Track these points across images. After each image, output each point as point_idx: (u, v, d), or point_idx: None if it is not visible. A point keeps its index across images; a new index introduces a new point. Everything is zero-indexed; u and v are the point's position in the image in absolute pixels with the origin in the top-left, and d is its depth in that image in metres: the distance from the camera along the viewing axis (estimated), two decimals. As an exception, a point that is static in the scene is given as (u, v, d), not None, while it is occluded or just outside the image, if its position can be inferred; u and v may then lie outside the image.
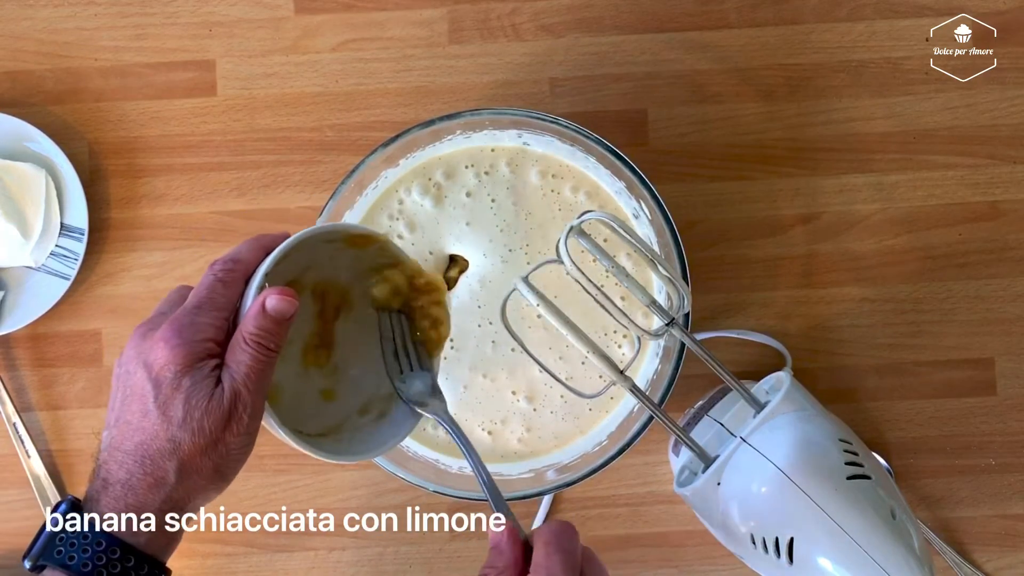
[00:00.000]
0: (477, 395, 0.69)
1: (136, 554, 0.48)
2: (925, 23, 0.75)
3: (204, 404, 0.48)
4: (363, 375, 0.58)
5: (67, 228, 0.73)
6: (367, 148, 0.67)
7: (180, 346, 0.48)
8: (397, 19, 0.75)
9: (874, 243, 0.74)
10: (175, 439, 0.48)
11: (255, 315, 0.49)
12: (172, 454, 0.48)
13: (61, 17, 0.75)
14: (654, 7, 0.75)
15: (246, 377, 0.49)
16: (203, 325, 0.49)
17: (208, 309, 0.50)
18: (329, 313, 0.58)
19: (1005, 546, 0.74)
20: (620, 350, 0.69)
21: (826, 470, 0.57)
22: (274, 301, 0.49)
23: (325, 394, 0.57)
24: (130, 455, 0.49)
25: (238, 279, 0.51)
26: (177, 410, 0.48)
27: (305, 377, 0.56)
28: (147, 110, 0.75)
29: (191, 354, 0.48)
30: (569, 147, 0.68)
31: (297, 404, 0.55)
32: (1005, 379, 0.74)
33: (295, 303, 0.50)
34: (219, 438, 0.48)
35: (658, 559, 0.74)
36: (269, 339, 0.49)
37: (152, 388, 0.48)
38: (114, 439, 0.50)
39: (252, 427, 0.49)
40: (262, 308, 0.49)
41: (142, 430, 0.48)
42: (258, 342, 0.49)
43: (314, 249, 0.55)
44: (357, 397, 0.57)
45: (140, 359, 0.49)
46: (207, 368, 0.49)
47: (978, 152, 0.75)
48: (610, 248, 0.67)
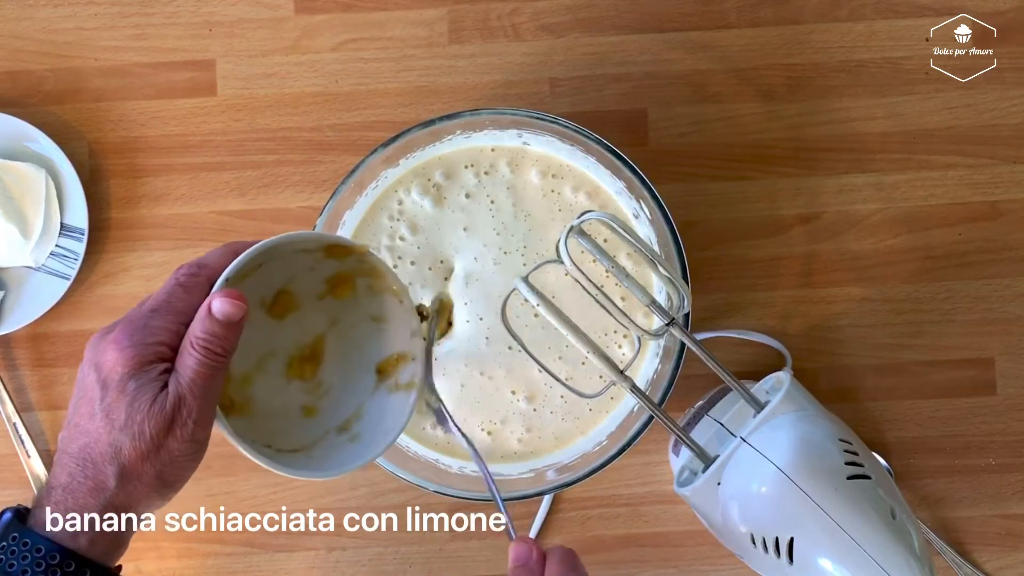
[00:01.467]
0: (475, 393, 0.69)
1: (77, 559, 0.47)
2: (925, 23, 0.75)
3: (146, 408, 0.47)
4: (347, 392, 0.57)
5: (67, 228, 0.73)
6: (367, 148, 0.67)
7: (129, 348, 0.47)
8: (397, 19, 0.75)
9: (874, 243, 0.74)
10: (116, 443, 0.47)
11: (202, 318, 0.48)
12: (113, 459, 0.47)
13: (61, 17, 0.75)
14: (654, 7, 0.75)
15: (191, 382, 0.47)
16: (156, 328, 0.48)
17: (164, 313, 0.49)
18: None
19: (1005, 546, 0.74)
20: (620, 350, 0.69)
21: (826, 470, 0.57)
22: (220, 304, 0.48)
23: (306, 410, 0.56)
24: (73, 458, 0.48)
25: (201, 284, 0.50)
26: (120, 413, 0.47)
27: (286, 391, 0.56)
28: (147, 110, 0.75)
29: (139, 356, 0.47)
30: (569, 147, 0.68)
31: (273, 418, 0.54)
32: (1005, 379, 0.74)
33: (243, 307, 0.48)
34: (161, 444, 0.47)
35: (658, 559, 0.74)
36: (216, 343, 0.48)
37: (100, 390, 0.47)
38: (63, 441, 0.49)
39: (198, 434, 0.48)
40: (208, 311, 0.48)
41: (86, 433, 0.48)
42: (204, 346, 0.48)
43: (291, 260, 0.54)
44: (339, 414, 0.56)
45: (93, 361, 0.48)
46: (155, 372, 0.48)
47: (978, 152, 0.75)
48: (610, 248, 0.67)
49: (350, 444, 0.55)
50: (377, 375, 0.58)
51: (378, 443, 0.55)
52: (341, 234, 0.68)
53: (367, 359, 0.58)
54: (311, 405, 0.56)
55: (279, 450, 0.53)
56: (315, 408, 0.56)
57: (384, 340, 0.58)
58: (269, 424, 0.53)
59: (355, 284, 0.57)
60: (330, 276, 0.56)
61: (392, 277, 0.57)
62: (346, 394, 0.57)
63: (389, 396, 0.57)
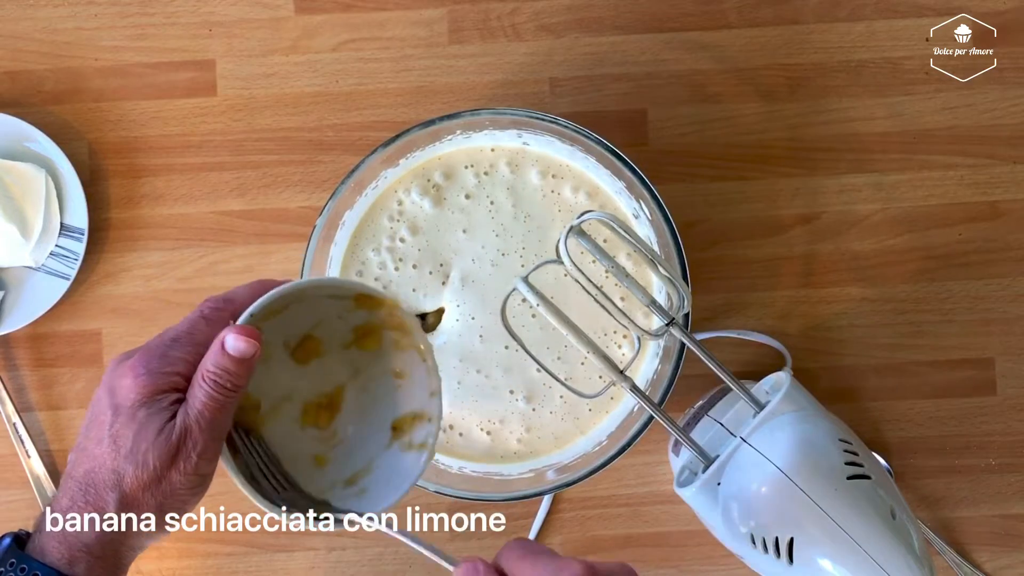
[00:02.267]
0: (472, 392, 0.69)
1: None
2: (925, 23, 0.75)
3: (152, 438, 0.46)
4: (360, 446, 0.56)
5: (67, 228, 0.73)
6: (367, 148, 0.67)
7: (144, 375, 0.47)
8: (397, 19, 0.75)
9: (874, 243, 0.74)
10: (119, 470, 0.47)
11: (215, 352, 0.48)
12: (115, 486, 0.47)
13: (61, 17, 0.75)
14: (654, 7, 0.75)
15: (199, 415, 0.47)
16: (174, 358, 0.48)
17: (184, 344, 0.49)
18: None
19: (1005, 546, 0.74)
20: (620, 350, 0.69)
21: (826, 470, 0.57)
22: (234, 340, 0.47)
23: (317, 459, 0.55)
24: (76, 482, 0.48)
25: (224, 318, 0.50)
26: (126, 440, 0.47)
27: (300, 438, 0.55)
28: (147, 110, 0.75)
29: (152, 385, 0.47)
30: (569, 147, 0.68)
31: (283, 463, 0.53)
32: (1005, 379, 0.74)
33: (256, 345, 0.48)
34: (163, 475, 0.47)
35: (658, 559, 0.74)
36: (227, 378, 0.47)
37: (111, 415, 0.47)
38: (70, 464, 0.49)
39: (202, 468, 0.48)
40: (221, 346, 0.48)
41: (93, 457, 0.47)
42: (215, 380, 0.47)
43: (320, 305, 0.53)
44: (349, 467, 0.55)
45: (108, 385, 0.48)
46: (166, 401, 0.47)
47: (978, 152, 0.75)
48: (610, 248, 0.67)
49: (356, 498, 0.54)
50: (392, 432, 0.56)
51: (384, 499, 0.54)
52: (340, 234, 0.68)
53: (384, 414, 0.56)
54: (322, 455, 0.55)
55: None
56: (326, 458, 0.55)
57: (402, 397, 0.56)
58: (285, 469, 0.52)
59: (382, 337, 0.56)
60: (359, 326, 0.55)
61: (419, 335, 0.55)
62: (358, 447, 0.56)
63: (401, 454, 0.56)
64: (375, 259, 0.69)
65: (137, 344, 0.73)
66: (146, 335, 0.74)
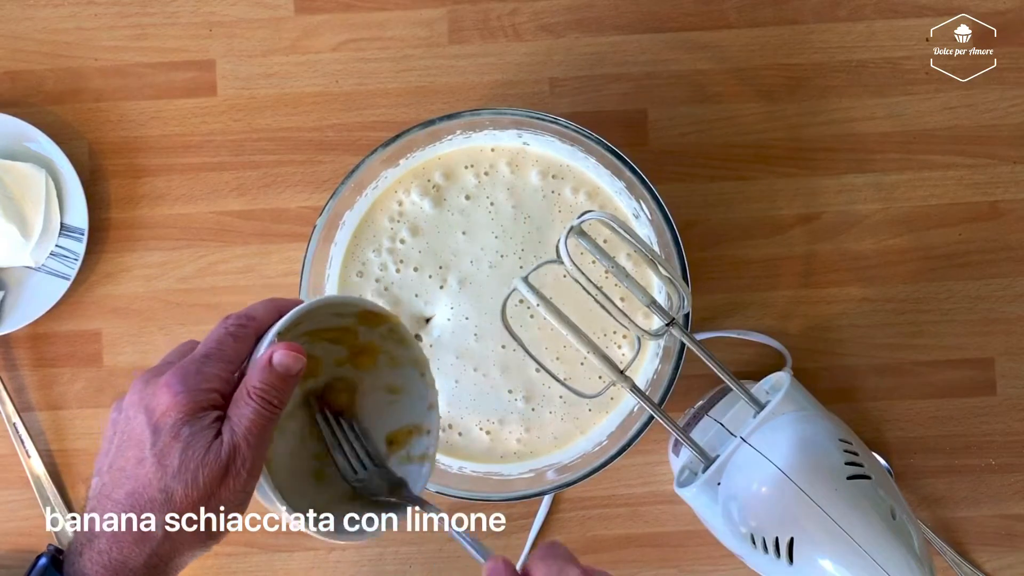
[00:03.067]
0: (470, 391, 0.69)
1: None
2: (925, 23, 0.75)
3: (201, 456, 0.46)
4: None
5: (67, 228, 0.73)
6: (367, 148, 0.67)
7: (183, 393, 0.47)
8: (397, 19, 0.75)
9: (874, 243, 0.74)
10: (168, 489, 0.46)
11: (262, 368, 0.48)
12: (164, 505, 0.46)
13: (61, 17, 0.75)
14: (654, 7, 0.75)
15: (247, 431, 0.47)
16: (209, 375, 0.48)
17: (216, 360, 0.48)
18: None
19: (1005, 546, 0.74)
20: (620, 350, 0.69)
21: (826, 470, 0.57)
22: (281, 356, 0.48)
23: (317, 475, 0.55)
24: (119, 504, 0.47)
25: (250, 335, 0.50)
26: (173, 459, 0.46)
27: (299, 455, 0.55)
28: (147, 110, 0.75)
29: (193, 402, 0.47)
30: (569, 147, 0.68)
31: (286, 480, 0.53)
32: (1005, 379, 0.74)
33: (302, 359, 0.48)
34: (213, 493, 0.46)
35: (658, 559, 0.74)
36: (274, 394, 0.48)
37: (151, 435, 0.46)
38: (104, 486, 0.48)
39: (249, 485, 0.47)
40: (268, 362, 0.48)
41: (135, 478, 0.46)
42: (262, 396, 0.47)
43: (322, 323, 0.54)
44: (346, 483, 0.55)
45: (142, 404, 0.47)
46: (208, 419, 0.47)
47: (978, 152, 0.75)
48: (610, 248, 0.67)
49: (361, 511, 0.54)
50: (388, 446, 0.56)
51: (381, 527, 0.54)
52: (340, 234, 0.68)
53: (379, 428, 0.56)
54: (321, 470, 0.55)
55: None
56: (325, 474, 0.55)
57: (397, 411, 0.56)
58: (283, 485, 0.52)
59: (377, 356, 0.56)
60: (355, 343, 0.55)
61: (417, 349, 0.56)
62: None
63: (401, 468, 0.56)
64: (375, 260, 0.69)
65: (137, 343, 0.74)
66: (146, 335, 0.74)
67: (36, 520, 0.74)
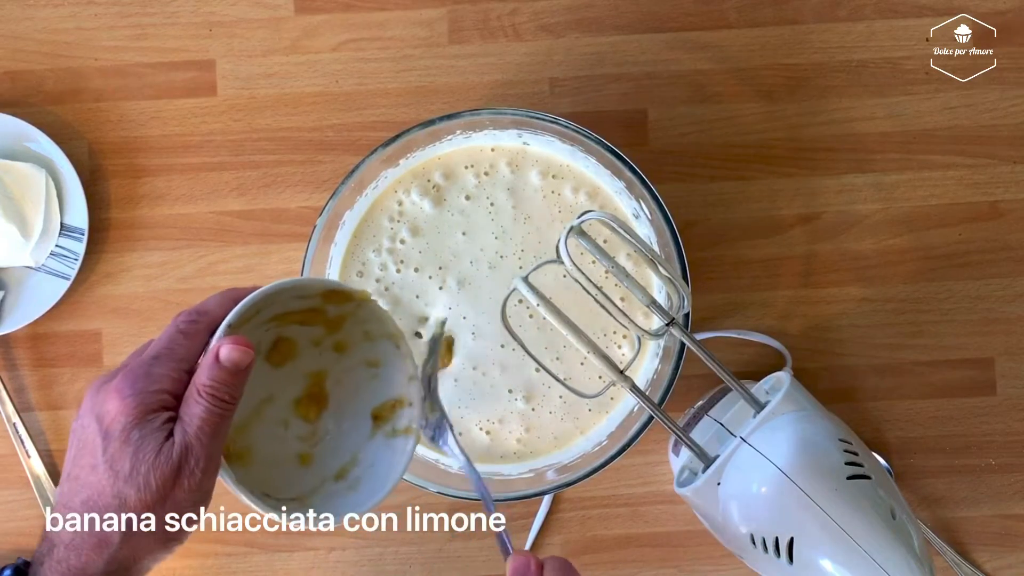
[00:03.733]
0: (470, 390, 0.69)
1: None
2: (925, 23, 0.75)
3: (152, 458, 0.46)
4: (342, 439, 0.56)
5: (67, 228, 0.73)
6: (367, 148, 0.67)
7: (131, 396, 0.46)
8: (397, 19, 0.75)
9: (874, 243, 0.74)
10: (121, 494, 0.46)
11: (209, 365, 0.47)
12: (118, 510, 0.46)
13: (61, 17, 0.75)
14: (654, 7, 0.75)
15: (199, 430, 0.46)
16: (158, 376, 0.47)
17: (166, 360, 0.48)
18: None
19: (1005, 546, 0.74)
20: (620, 350, 0.69)
21: (826, 470, 0.57)
22: (228, 350, 0.47)
23: (302, 458, 0.55)
24: (76, 512, 0.47)
25: (201, 331, 0.49)
26: (124, 464, 0.46)
27: (283, 440, 0.55)
28: (147, 110, 0.75)
29: (142, 405, 0.46)
30: (569, 147, 0.68)
31: (270, 467, 0.53)
32: (1005, 379, 0.74)
33: (250, 353, 0.48)
34: (168, 494, 0.46)
35: (658, 559, 0.74)
36: (224, 390, 0.47)
37: (102, 441, 0.46)
38: (63, 495, 0.48)
39: (205, 483, 0.47)
40: (216, 358, 0.47)
41: (89, 485, 0.47)
42: (212, 394, 0.47)
43: (289, 306, 0.53)
44: (334, 462, 0.56)
45: (93, 412, 0.47)
46: (159, 420, 0.46)
47: (978, 152, 0.75)
48: (610, 248, 0.67)
49: (348, 492, 0.54)
50: (373, 421, 0.57)
51: (377, 490, 0.54)
52: (340, 234, 0.68)
53: (362, 405, 0.57)
54: (306, 453, 0.55)
55: (278, 499, 0.52)
56: (310, 456, 0.55)
57: (380, 385, 0.57)
58: (267, 473, 0.52)
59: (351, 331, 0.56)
60: (328, 320, 0.55)
61: (391, 322, 0.56)
62: (341, 441, 0.56)
63: (387, 442, 0.56)
64: (376, 260, 0.69)
65: (137, 343, 0.74)
66: (146, 335, 0.74)
67: (36, 520, 0.74)
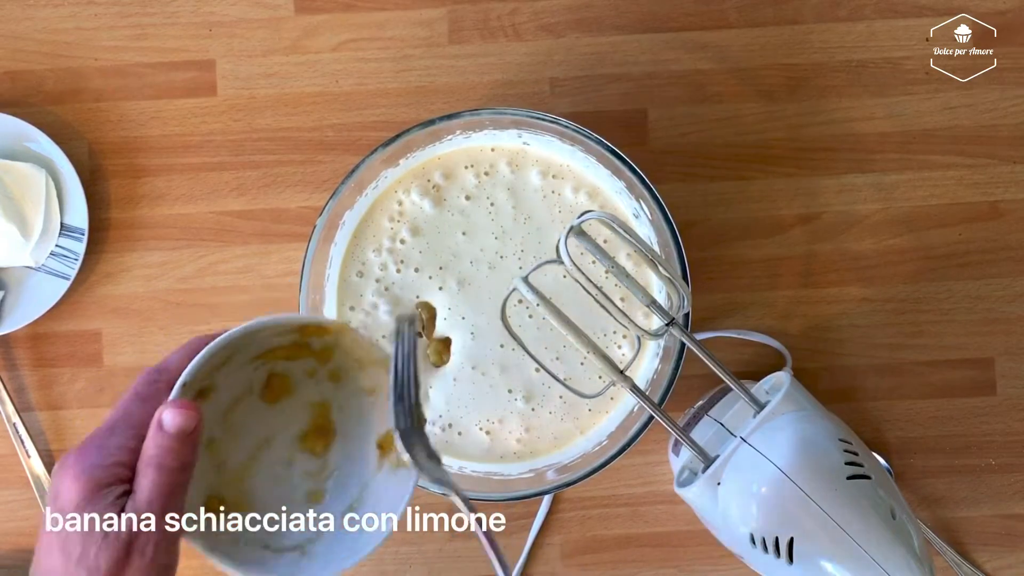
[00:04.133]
0: (469, 389, 0.69)
1: None
2: (925, 23, 0.75)
3: (100, 539, 0.44)
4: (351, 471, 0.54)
5: (67, 228, 0.73)
6: (367, 148, 0.67)
7: (83, 474, 0.44)
8: (397, 19, 0.75)
9: (874, 243, 0.74)
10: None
11: (153, 434, 0.45)
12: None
13: (61, 17, 0.75)
14: (654, 7, 0.75)
15: (148, 504, 0.44)
16: (112, 448, 0.45)
17: (122, 429, 0.46)
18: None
19: (1005, 546, 0.74)
20: (620, 350, 0.69)
21: (826, 470, 0.57)
22: (170, 416, 0.45)
23: (313, 496, 0.53)
24: None
25: (160, 391, 0.47)
26: (75, 547, 0.44)
27: (288, 479, 0.53)
28: (147, 110, 0.75)
29: (92, 481, 0.44)
30: (569, 147, 0.68)
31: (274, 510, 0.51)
32: (1005, 379, 0.74)
33: (195, 416, 0.45)
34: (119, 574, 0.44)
35: (658, 559, 0.74)
36: (171, 458, 0.45)
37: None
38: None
39: (161, 558, 0.45)
40: (159, 425, 0.45)
41: (46, 570, 0.45)
42: (159, 464, 0.45)
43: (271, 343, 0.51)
44: (345, 496, 0.53)
45: (51, 492, 0.45)
46: (112, 496, 0.44)
47: (978, 152, 0.75)
48: (610, 248, 0.67)
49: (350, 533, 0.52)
50: (378, 451, 0.54)
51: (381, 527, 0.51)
52: (340, 234, 0.68)
53: (366, 434, 0.54)
54: (316, 489, 0.53)
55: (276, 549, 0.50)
56: (321, 492, 0.53)
57: (380, 414, 0.54)
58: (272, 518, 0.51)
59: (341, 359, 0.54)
60: (317, 352, 0.53)
61: (376, 349, 0.53)
62: (350, 474, 0.54)
63: (393, 472, 0.53)
64: (376, 260, 0.69)
65: (137, 343, 0.74)
66: (146, 335, 0.74)
67: (36, 520, 0.74)
